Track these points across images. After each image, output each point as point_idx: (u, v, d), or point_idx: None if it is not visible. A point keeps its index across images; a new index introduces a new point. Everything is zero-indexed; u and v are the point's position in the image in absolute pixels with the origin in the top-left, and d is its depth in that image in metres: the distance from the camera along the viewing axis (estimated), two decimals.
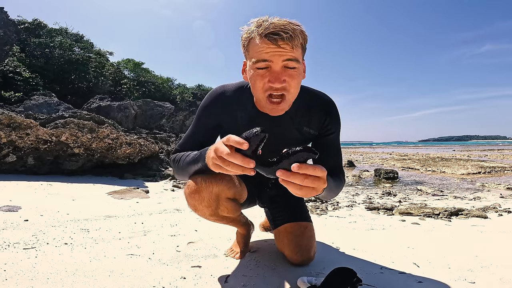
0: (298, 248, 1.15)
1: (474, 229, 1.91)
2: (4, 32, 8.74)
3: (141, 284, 0.98)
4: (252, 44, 0.88)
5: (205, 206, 1.01)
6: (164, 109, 9.81)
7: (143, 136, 5.50)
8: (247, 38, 0.90)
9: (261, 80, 0.88)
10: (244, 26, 0.92)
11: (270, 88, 0.88)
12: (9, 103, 7.61)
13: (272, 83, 0.87)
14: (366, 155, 15.05)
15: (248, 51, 0.91)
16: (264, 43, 0.85)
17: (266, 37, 0.84)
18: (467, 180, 5.41)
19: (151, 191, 3.26)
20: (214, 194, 0.99)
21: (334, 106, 1.10)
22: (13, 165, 3.58)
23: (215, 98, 1.07)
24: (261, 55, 0.86)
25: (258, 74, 0.89)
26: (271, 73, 0.87)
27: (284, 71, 0.87)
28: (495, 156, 12.13)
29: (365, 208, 2.88)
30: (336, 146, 1.12)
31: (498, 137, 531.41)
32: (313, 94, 1.07)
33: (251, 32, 0.88)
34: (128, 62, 20.03)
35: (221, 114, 1.06)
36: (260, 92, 0.91)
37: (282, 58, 0.85)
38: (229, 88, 1.07)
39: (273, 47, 0.84)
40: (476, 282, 1.06)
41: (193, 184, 0.98)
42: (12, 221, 1.62)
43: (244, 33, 0.91)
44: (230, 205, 1.06)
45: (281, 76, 0.87)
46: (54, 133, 3.68)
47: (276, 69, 0.87)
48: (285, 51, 0.85)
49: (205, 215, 1.05)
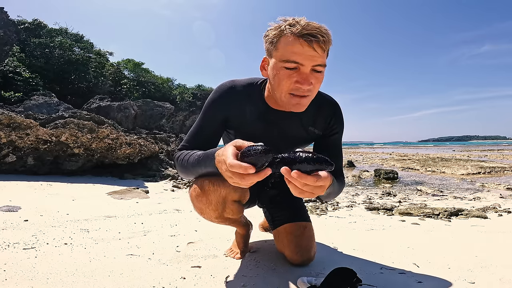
0: (298, 248, 1.15)
1: (474, 229, 1.91)
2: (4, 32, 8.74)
3: (141, 284, 0.98)
4: (284, 42, 0.87)
5: (212, 209, 1.00)
6: (164, 109, 9.82)
7: (143, 136, 5.49)
8: (277, 34, 0.88)
9: (288, 80, 0.88)
10: (272, 23, 0.91)
11: (297, 89, 0.88)
12: (9, 103, 7.61)
13: (301, 84, 0.87)
14: (366, 155, 15.06)
15: (276, 48, 0.89)
16: (299, 43, 0.84)
17: (303, 37, 0.83)
18: (467, 180, 5.41)
19: (151, 191, 3.26)
20: (221, 197, 0.98)
21: (339, 107, 1.12)
22: (13, 165, 3.58)
23: (225, 92, 1.05)
24: (293, 55, 0.85)
25: (285, 74, 0.88)
26: (300, 75, 0.87)
27: (312, 74, 0.87)
28: (495, 156, 12.13)
29: (365, 208, 2.88)
30: (338, 148, 1.13)
31: (498, 137, 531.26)
32: (320, 95, 1.08)
33: (284, 29, 0.86)
34: (128, 62, 20.04)
35: (230, 108, 1.05)
36: (283, 90, 0.90)
37: (314, 62, 0.85)
38: (238, 83, 1.07)
39: (308, 49, 0.84)
40: (476, 282, 1.06)
41: (200, 187, 0.96)
42: (12, 221, 1.62)
43: (273, 29, 0.89)
44: (235, 207, 1.05)
45: (310, 79, 0.87)
46: (54, 133, 3.68)
47: (305, 71, 0.86)
48: (317, 56, 0.85)
49: (211, 218, 1.04)
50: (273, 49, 0.90)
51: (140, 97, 15.52)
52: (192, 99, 22.00)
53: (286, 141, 1.12)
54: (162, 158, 5.27)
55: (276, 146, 1.08)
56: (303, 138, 1.12)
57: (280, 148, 1.11)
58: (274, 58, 0.90)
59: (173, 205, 2.49)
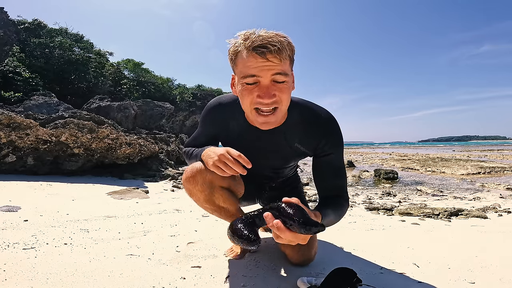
0: (298, 248, 1.15)
1: (474, 229, 1.91)
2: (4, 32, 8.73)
3: (141, 284, 0.98)
4: (240, 58, 0.86)
5: (199, 190, 1.04)
6: (164, 109, 9.82)
7: (143, 136, 5.49)
8: (234, 52, 0.88)
9: (249, 95, 0.87)
10: (231, 39, 0.89)
11: (259, 103, 0.86)
12: (9, 103, 7.61)
13: (261, 98, 0.85)
14: (366, 155, 15.06)
15: (236, 65, 0.89)
16: (252, 56, 0.83)
17: (254, 50, 0.82)
18: (467, 180, 5.41)
19: (151, 191, 3.26)
20: (207, 180, 1.03)
21: (333, 124, 1.01)
22: (13, 165, 3.58)
23: (210, 112, 1.11)
24: (249, 70, 0.84)
25: (246, 89, 0.87)
26: (260, 88, 0.85)
27: (273, 86, 0.85)
28: (495, 156, 12.13)
29: (365, 208, 2.88)
30: (335, 167, 1.03)
31: (498, 137, 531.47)
32: (309, 110, 1.02)
33: (238, 45, 0.86)
34: (128, 62, 20.04)
35: (215, 126, 1.12)
36: (248, 106, 0.90)
37: (271, 73, 0.83)
38: (223, 101, 1.09)
39: (262, 61, 0.82)
40: (476, 282, 1.06)
41: (189, 170, 1.04)
42: (12, 221, 1.62)
43: (231, 47, 0.89)
44: (225, 194, 1.08)
45: (271, 91, 0.85)
46: (54, 133, 3.68)
47: (265, 83, 0.85)
48: (273, 65, 0.83)
49: (200, 200, 1.08)
50: (234, 66, 0.91)
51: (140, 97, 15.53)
52: (192, 99, 22.01)
53: (272, 157, 1.11)
54: (162, 158, 5.27)
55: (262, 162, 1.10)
56: (289, 154, 1.09)
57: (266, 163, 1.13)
58: (236, 76, 0.91)
59: (173, 205, 2.49)
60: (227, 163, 0.91)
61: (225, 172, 0.92)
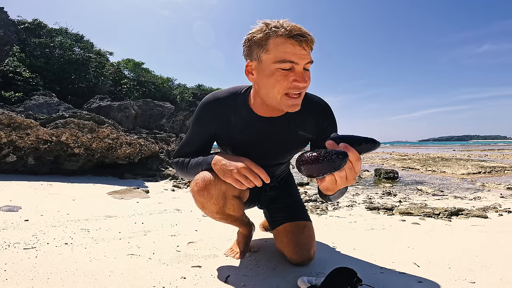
0: (298, 248, 1.15)
1: (474, 229, 1.91)
2: (4, 32, 8.74)
3: (141, 284, 0.98)
4: (274, 43, 0.88)
5: (214, 203, 1.01)
6: (164, 109, 9.81)
7: (143, 136, 5.49)
8: (264, 37, 0.89)
9: (284, 80, 0.89)
10: (255, 26, 0.92)
11: (294, 87, 0.90)
12: (9, 103, 7.62)
13: (298, 82, 0.89)
14: (366, 155, 15.05)
15: (267, 51, 0.89)
16: (290, 43, 0.87)
17: (293, 37, 0.86)
18: (467, 180, 5.41)
19: (151, 191, 3.26)
20: (222, 191, 1.00)
21: (330, 108, 1.12)
22: (13, 165, 3.59)
23: (207, 109, 1.07)
24: (287, 55, 0.87)
25: (281, 74, 0.89)
26: (297, 74, 0.89)
27: (304, 73, 0.90)
28: (495, 156, 12.12)
29: (365, 208, 2.88)
30: None
31: (498, 137, 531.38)
32: (309, 98, 1.08)
33: (269, 32, 0.88)
34: (128, 62, 20.04)
35: (215, 123, 1.07)
36: (280, 91, 0.91)
37: (305, 61, 0.89)
38: (220, 95, 1.07)
39: (299, 49, 0.87)
40: (476, 282, 1.06)
41: (201, 181, 0.99)
42: (12, 221, 1.62)
43: (258, 33, 0.90)
44: (236, 202, 1.07)
45: (305, 76, 0.90)
46: (54, 133, 3.68)
47: (299, 70, 0.89)
48: (307, 54, 0.89)
49: (212, 213, 1.05)
50: (262, 51, 0.90)
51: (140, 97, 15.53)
52: (192, 98, 22.02)
53: (277, 147, 1.11)
54: (163, 158, 5.27)
55: (266, 153, 1.10)
56: (294, 143, 1.11)
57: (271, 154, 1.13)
58: (265, 61, 0.90)
59: (173, 204, 2.49)
60: (249, 177, 0.92)
61: (243, 186, 0.93)
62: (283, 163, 1.24)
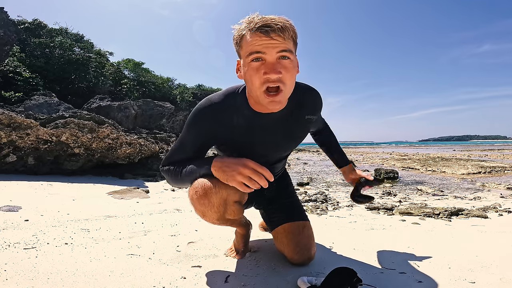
0: (298, 248, 1.15)
1: (474, 229, 1.91)
2: (4, 32, 8.74)
3: (141, 284, 0.98)
4: (244, 40, 0.89)
5: (215, 211, 0.97)
6: (164, 109, 9.81)
7: (143, 136, 5.49)
8: (239, 35, 0.90)
9: (256, 73, 0.87)
10: (235, 25, 0.92)
11: (266, 80, 0.86)
12: (9, 103, 7.62)
13: (268, 74, 0.85)
14: (366, 155, 15.04)
15: (241, 48, 0.91)
16: (256, 36, 0.85)
17: (258, 30, 0.85)
18: (467, 180, 5.41)
19: (151, 191, 3.26)
20: (223, 198, 0.96)
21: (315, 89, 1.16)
22: (13, 165, 3.59)
23: (204, 115, 1.00)
24: (254, 47, 0.86)
25: (253, 68, 0.87)
26: (266, 65, 0.86)
27: (279, 63, 0.87)
28: (495, 156, 12.12)
29: (365, 208, 2.88)
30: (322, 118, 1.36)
31: (498, 137, 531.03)
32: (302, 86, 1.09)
33: (242, 29, 0.89)
34: (128, 62, 20.04)
35: (213, 126, 1.00)
36: (257, 86, 0.88)
37: (276, 50, 0.85)
38: (216, 98, 1.01)
39: (266, 39, 0.85)
40: (476, 282, 1.06)
41: (201, 189, 0.93)
42: (13, 221, 1.62)
43: (235, 32, 0.92)
44: (236, 208, 1.03)
45: (277, 67, 0.86)
46: (54, 133, 3.68)
47: (270, 60, 0.86)
48: (277, 43, 0.85)
49: (213, 220, 1.00)
50: (239, 49, 0.92)
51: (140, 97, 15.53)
52: (192, 98, 22.02)
53: (284, 138, 1.09)
54: (163, 158, 5.27)
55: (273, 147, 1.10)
56: (300, 132, 1.13)
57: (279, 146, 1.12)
58: (242, 58, 0.92)
59: (173, 204, 2.49)
60: (253, 178, 0.88)
61: (248, 189, 0.89)
62: (285, 157, 1.25)
